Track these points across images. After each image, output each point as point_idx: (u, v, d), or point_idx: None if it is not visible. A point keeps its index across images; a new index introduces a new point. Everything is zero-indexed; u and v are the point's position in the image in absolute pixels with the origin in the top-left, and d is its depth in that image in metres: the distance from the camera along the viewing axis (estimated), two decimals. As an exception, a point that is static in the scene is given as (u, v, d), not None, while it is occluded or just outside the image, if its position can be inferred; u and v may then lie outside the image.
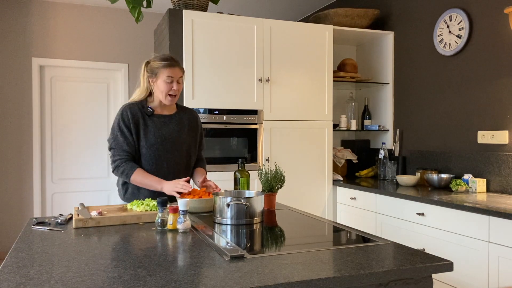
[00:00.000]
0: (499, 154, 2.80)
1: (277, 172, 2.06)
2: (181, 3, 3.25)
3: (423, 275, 1.17)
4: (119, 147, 2.06)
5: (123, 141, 2.05)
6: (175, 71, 2.07)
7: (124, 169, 2.03)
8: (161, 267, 1.14)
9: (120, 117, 2.07)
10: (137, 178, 2.03)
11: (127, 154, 2.06)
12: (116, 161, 2.06)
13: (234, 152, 3.30)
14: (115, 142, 2.07)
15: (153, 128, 2.10)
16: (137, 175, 2.02)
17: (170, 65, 2.06)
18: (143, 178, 2.03)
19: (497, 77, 2.85)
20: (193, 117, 2.28)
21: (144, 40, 4.95)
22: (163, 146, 2.11)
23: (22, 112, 4.49)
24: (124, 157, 2.06)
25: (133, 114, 2.08)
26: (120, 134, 2.06)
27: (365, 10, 3.74)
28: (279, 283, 1.02)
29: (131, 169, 2.03)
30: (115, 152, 2.07)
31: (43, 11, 4.56)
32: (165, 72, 2.05)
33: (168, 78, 2.05)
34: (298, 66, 3.48)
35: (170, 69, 2.06)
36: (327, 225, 1.70)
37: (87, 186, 4.76)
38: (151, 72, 2.10)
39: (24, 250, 1.31)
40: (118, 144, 2.06)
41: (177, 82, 2.09)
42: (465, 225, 2.36)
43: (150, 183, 2.02)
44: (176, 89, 2.08)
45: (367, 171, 3.90)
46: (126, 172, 2.03)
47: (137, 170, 2.03)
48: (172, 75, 2.06)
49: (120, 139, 2.05)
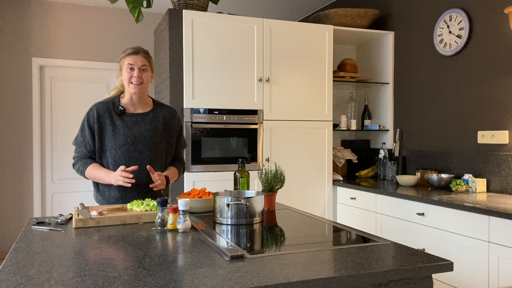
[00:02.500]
0: (499, 154, 2.80)
1: (277, 172, 2.06)
2: (181, 3, 3.25)
3: (423, 275, 1.17)
4: (78, 146, 2.10)
5: (82, 142, 2.07)
6: (136, 58, 2.03)
7: (78, 167, 2.07)
8: (161, 267, 1.14)
9: (86, 117, 2.07)
10: (90, 173, 2.03)
11: (83, 153, 2.08)
12: (74, 159, 2.11)
13: (234, 152, 3.30)
14: (76, 140, 2.10)
15: (123, 128, 2.04)
16: (90, 170, 2.03)
17: (131, 52, 2.04)
18: (94, 172, 2.02)
19: (497, 77, 2.85)
20: (170, 114, 2.18)
21: (144, 40, 4.95)
22: (133, 146, 2.04)
23: (22, 112, 4.49)
24: (81, 155, 2.08)
25: (100, 114, 2.05)
26: (81, 134, 2.08)
27: (365, 10, 3.74)
28: (279, 283, 1.02)
29: (84, 165, 2.04)
30: (75, 150, 2.12)
31: (43, 11, 4.56)
32: (125, 60, 2.04)
33: (128, 65, 2.03)
34: (298, 66, 3.48)
35: (130, 57, 2.03)
36: (327, 225, 1.70)
37: (87, 186, 4.76)
38: (119, 66, 2.10)
39: (24, 250, 1.31)
40: (77, 143, 2.09)
41: (140, 69, 2.04)
42: (465, 225, 2.36)
43: (100, 176, 2.01)
44: (138, 76, 2.02)
45: (367, 171, 3.90)
46: (80, 170, 2.05)
47: (90, 166, 2.03)
48: (132, 62, 2.03)
49: (80, 139, 2.08)
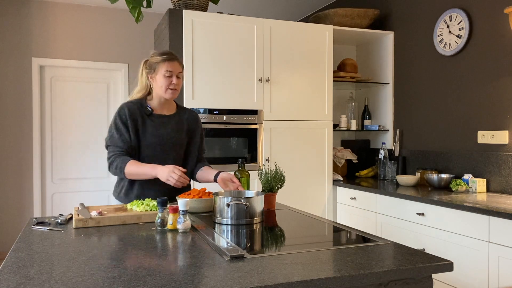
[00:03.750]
0: (499, 154, 2.80)
1: (277, 172, 2.06)
2: (181, 3, 3.25)
3: (423, 275, 1.17)
4: (114, 144, 2.02)
5: (118, 138, 2.01)
6: (174, 65, 2.03)
7: (117, 164, 1.97)
8: (161, 267, 1.14)
9: (117, 115, 2.04)
10: (131, 169, 1.95)
11: (121, 149, 2.01)
12: (110, 158, 2.01)
13: (234, 152, 3.30)
14: (110, 139, 2.03)
15: (151, 128, 2.06)
16: (130, 166, 1.95)
17: (169, 59, 2.03)
18: (136, 168, 1.95)
19: (497, 77, 2.85)
20: (193, 117, 2.23)
21: (144, 40, 4.95)
22: (160, 146, 2.07)
23: (22, 112, 4.49)
24: (118, 152, 2.00)
25: (131, 112, 2.04)
26: (116, 132, 2.02)
27: (365, 10, 3.74)
28: (279, 283, 1.02)
29: (124, 162, 1.96)
30: (110, 149, 2.03)
31: (43, 11, 4.56)
32: (164, 66, 2.01)
33: (167, 72, 2.01)
34: (298, 66, 3.48)
35: (169, 63, 2.02)
36: (327, 225, 1.70)
37: (87, 186, 4.76)
38: (150, 68, 2.06)
39: (24, 250, 1.31)
40: (113, 141, 2.02)
41: (176, 77, 2.04)
42: (465, 225, 2.36)
43: (144, 171, 1.94)
44: (176, 83, 2.04)
45: (367, 171, 3.90)
46: (120, 166, 1.96)
47: (130, 162, 1.96)
48: (171, 69, 2.02)
49: (116, 136, 2.02)
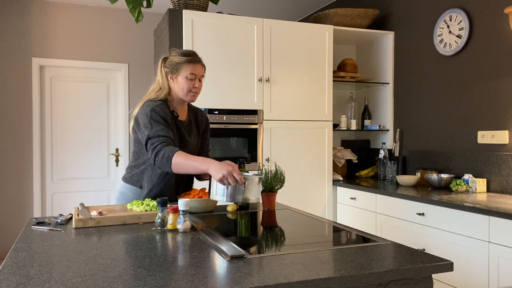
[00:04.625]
0: (499, 154, 2.80)
1: (277, 172, 2.06)
2: (181, 3, 3.25)
3: (423, 275, 1.17)
4: (157, 135, 1.83)
5: (162, 129, 1.84)
6: (198, 68, 1.94)
7: (164, 153, 1.78)
8: (161, 267, 1.14)
9: (151, 112, 1.87)
10: (180, 160, 1.76)
11: (167, 138, 1.83)
12: (156, 148, 1.81)
13: (234, 152, 3.30)
14: (152, 131, 1.84)
15: (179, 133, 2.00)
16: (179, 156, 1.76)
17: (193, 61, 1.93)
18: (186, 159, 1.76)
19: (497, 77, 2.85)
20: (203, 117, 2.18)
21: (144, 40, 4.95)
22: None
23: (22, 112, 4.49)
24: (164, 141, 1.82)
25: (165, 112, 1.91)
26: (156, 125, 1.85)
27: (365, 10, 3.74)
28: (279, 283, 1.02)
29: (172, 151, 1.78)
30: (154, 140, 1.82)
31: (43, 11, 4.56)
32: (187, 68, 1.91)
33: (190, 75, 1.91)
34: (298, 66, 3.48)
35: (193, 66, 1.92)
36: (327, 225, 1.70)
37: (87, 186, 4.76)
38: (171, 67, 1.94)
39: (24, 250, 1.31)
40: (156, 132, 1.83)
41: (199, 80, 1.96)
42: (465, 225, 2.36)
43: (193, 164, 1.74)
44: (198, 86, 1.95)
45: (367, 171, 3.90)
46: (167, 155, 1.76)
47: (179, 152, 1.78)
48: (195, 73, 1.92)
49: (158, 127, 1.84)
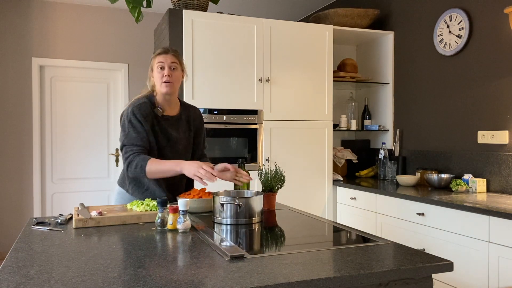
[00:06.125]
0: (499, 154, 2.80)
1: (277, 172, 2.06)
2: (181, 3, 3.25)
3: (423, 275, 1.17)
4: (131, 143, 1.93)
5: (136, 136, 1.93)
6: (166, 57, 2.02)
7: (137, 163, 1.87)
8: (161, 267, 1.14)
9: (131, 113, 1.97)
10: (153, 167, 1.86)
11: (140, 147, 1.93)
12: (128, 158, 1.91)
13: (234, 152, 3.30)
14: (127, 138, 1.94)
15: (163, 131, 2.05)
16: (152, 164, 1.86)
17: (161, 52, 2.03)
18: (158, 165, 1.86)
19: (497, 77, 2.85)
20: (197, 115, 2.23)
21: (144, 40, 4.95)
22: (172, 148, 2.07)
23: (22, 112, 4.49)
24: (137, 151, 1.91)
25: (146, 110, 2.00)
26: (132, 130, 1.94)
27: (365, 10, 3.74)
28: (279, 283, 1.02)
29: (144, 160, 1.87)
30: (127, 149, 1.93)
31: (43, 11, 4.56)
32: (155, 60, 2.03)
33: (159, 64, 2.01)
34: (298, 66, 3.48)
35: (160, 56, 2.03)
36: (327, 225, 1.70)
37: (87, 186, 4.76)
38: (150, 65, 2.08)
39: (24, 250, 1.31)
40: (130, 140, 1.93)
41: (170, 68, 2.01)
42: (465, 225, 2.36)
43: (167, 167, 1.85)
44: (168, 74, 2.00)
45: (367, 171, 3.90)
46: (140, 165, 1.86)
47: (151, 160, 1.87)
48: (162, 60, 2.01)
49: (133, 134, 1.94)
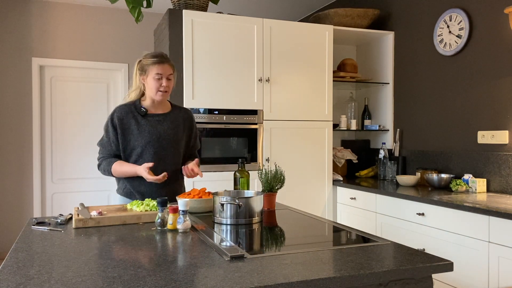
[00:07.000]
0: (499, 154, 2.80)
1: (277, 172, 2.06)
2: (181, 3, 3.25)
3: (423, 275, 1.17)
4: (103, 146, 2.14)
5: (107, 142, 2.12)
6: (164, 68, 2.08)
7: (103, 166, 2.11)
8: (161, 267, 1.14)
9: (109, 119, 2.12)
10: (115, 168, 2.08)
11: (109, 152, 2.13)
12: (99, 160, 2.16)
13: (234, 152, 3.30)
14: (101, 142, 2.16)
15: (148, 127, 2.12)
16: (115, 166, 2.07)
17: (159, 61, 2.07)
18: (119, 167, 2.07)
19: (497, 77, 2.85)
20: (188, 115, 2.28)
21: (144, 40, 4.95)
22: (158, 143, 2.12)
23: (22, 112, 4.49)
24: (106, 155, 2.13)
25: (123, 115, 2.11)
26: (105, 135, 2.13)
27: (365, 10, 3.74)
28: (279, 283, 1.02)
29: (109, 164, 2.09)
30: (99, 152, 2.17)
31: (43, 11, 4.56)
32: (154, 69, 2.06)
33: (157, 75, 2.06)
34: (298, 66, 3.48)
35: (159, 66, 2.07)
36: (327, 225, 1.70)
37: (87, 186, 4.76)
38: (141, 70, 2.11)
39: (24, 250, 1.31)
40: (102, 144, 2.15)
41: (167, 79, 2.09)
42: (465, 225, 2.36)
43: (126, 169, 2.06)
44: (166, 85, 2.09)
45: (367, 171, 3.90)
46: (106, 168, 2.10)
47: (115, 163, 2.08)
48: (161, 72, 2.07)
49: (105, 139, 2.13)
